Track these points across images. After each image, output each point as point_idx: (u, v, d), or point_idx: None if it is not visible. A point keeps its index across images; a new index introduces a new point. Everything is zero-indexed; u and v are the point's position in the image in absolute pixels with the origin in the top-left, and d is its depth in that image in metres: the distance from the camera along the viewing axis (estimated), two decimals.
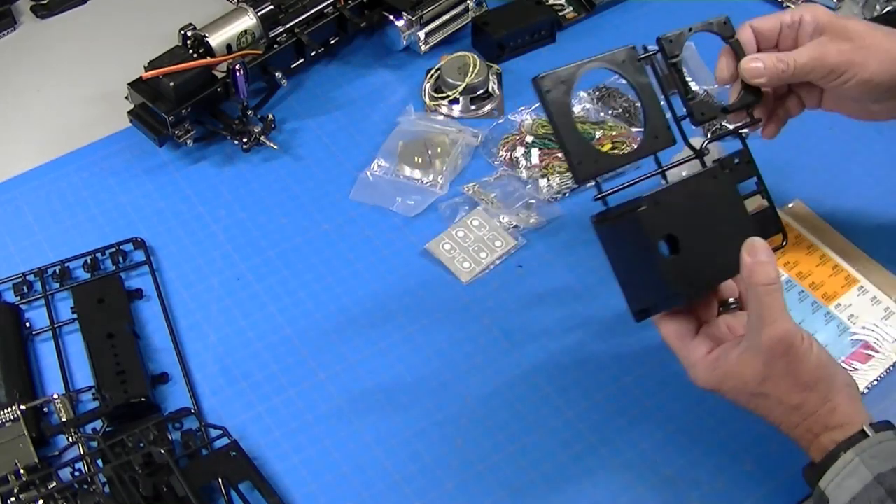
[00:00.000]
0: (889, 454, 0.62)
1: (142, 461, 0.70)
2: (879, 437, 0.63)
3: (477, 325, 0.83)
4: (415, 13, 1.01)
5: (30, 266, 0.86)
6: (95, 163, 0.96)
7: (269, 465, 0.75)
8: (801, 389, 0.64)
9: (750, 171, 0.73)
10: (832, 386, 0.65)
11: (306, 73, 1.04)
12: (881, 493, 0.60)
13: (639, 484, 0.74)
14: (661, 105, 0.71)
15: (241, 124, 0.95)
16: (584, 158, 0.67)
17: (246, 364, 0.81)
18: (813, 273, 0.85)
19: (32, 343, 0.82)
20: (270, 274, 0.87)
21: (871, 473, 0.61)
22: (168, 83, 0.90)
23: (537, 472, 0.75)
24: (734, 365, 0.65)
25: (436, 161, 0.94)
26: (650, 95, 0.70)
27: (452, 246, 0.88)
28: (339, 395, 0.79)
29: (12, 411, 0.74)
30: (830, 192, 0.92)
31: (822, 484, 0.63)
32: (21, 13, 1.11)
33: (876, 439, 0.63)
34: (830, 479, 0.63)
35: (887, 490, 0.60)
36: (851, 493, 0.61)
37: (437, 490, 0.74)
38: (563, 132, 0.66)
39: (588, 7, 1.09)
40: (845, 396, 0.65)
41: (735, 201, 0.69)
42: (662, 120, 0.70)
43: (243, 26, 0.95)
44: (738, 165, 0.72)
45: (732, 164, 0.72)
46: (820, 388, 0.64)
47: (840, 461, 0.63)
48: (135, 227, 0.90)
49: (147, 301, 0.85)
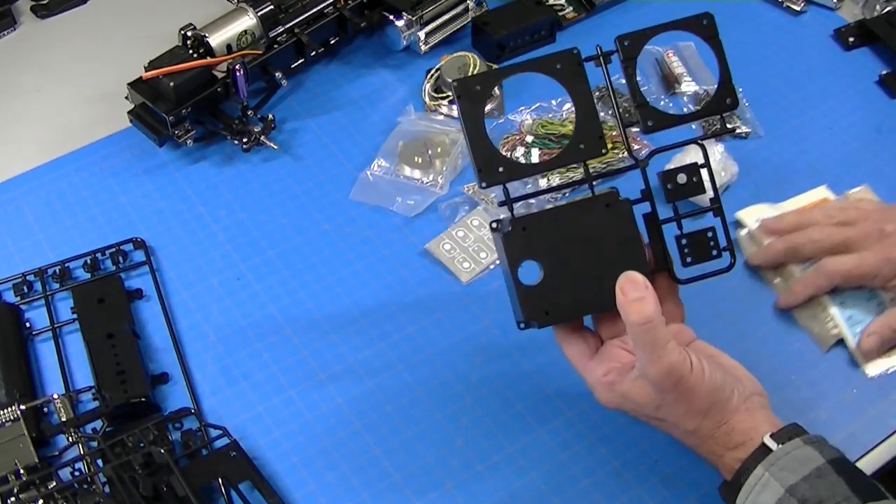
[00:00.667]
0: (798, 462, 0.62)
1: (142, 461, 0.70)
2: (786, 449, 0.62)
3: (477, 325, 0.83)
4: (415, 13, 1.01)
5: (30, 266, 0.86)
6: (95, 163, 0.96)
7: (269, 465, 0.75)
8: (695, 416, 0.65)
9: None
10: (726, 408, 0.64)
11: (306, 73, 1.04)
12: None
13: (639, 484, 0.74)
14: (595, 113, 0.67)
15: (241, 124, 0.95)
16: (487, 165, 0.66)
17: (246, 364, 0.81)
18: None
19: (32, 343, 0.82)
20: (270, 274, 0.87)
21: (783, 486, 0.61)
22: (168, 83, 0.90)
23: (537, 472, 0.75)
24: (628, 390, 0.65)
25: (436, 161, 0.94)
26: (586, 102, 0.67)
27: (452, 246, 0.88)
28: (339, 395, 0.79)
29: (12, 411, 0.74)
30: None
31: (737, 503, 0.64)
32: (21, 13, 1.11)
33: (783, 451, 0.62)
34: (745, 498, 0.63)
35: (800, 500, 0.60)
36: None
37: (437, 490, 0.74)
38: (471, 138, 0.66)
39: (588, 7, 1.09)
40: (743, 413, 0.65)
41: (626, 234, 0.65)
42: (595, 129, 0.67)
43: (243, 26, 0.95)
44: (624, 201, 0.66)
45: (616, 199, 0.66)
46: (714, 413, 0.64)
47: (751, 478, 0.62)
48: (135, 227, 0.90)
49: (147, 301, 0.85)
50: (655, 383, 0.63)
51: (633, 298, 0.62)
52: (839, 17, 1.09)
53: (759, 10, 1.11)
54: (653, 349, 0.62)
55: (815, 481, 0.61)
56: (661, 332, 0.62)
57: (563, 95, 0.99)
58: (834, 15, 1.10)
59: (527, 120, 0.97)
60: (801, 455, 0.62)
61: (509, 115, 0.99)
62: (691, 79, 1.01)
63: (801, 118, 0.98)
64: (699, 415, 0.65)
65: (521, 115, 0.98)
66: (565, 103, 0.99)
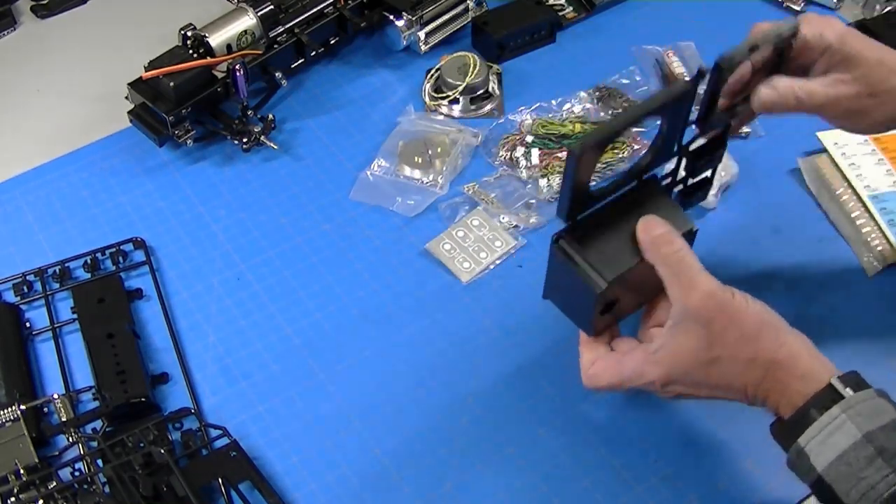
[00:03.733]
0: (874, 412, 0.59)
1: (142, 461, 0.70)
2: (862, 396, 0.60)
3: (477, 325, 0.83)
4: (415, 13, 1.01)
5: (30, 266, 0.86)
6: (95, 163, 0.96)
7: (269, 465, 0.75)
8: (750, 339, 0.62)
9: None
10: (780, 328, 0.62)
11: (306, 73, 1.04)
12: (870, 452, 0.58)
13: (639, 484, 0.74)
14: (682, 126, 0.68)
15: (241, 124, 0.95)
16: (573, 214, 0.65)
17: (246, 364, 0.81)
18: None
19: (32, 343, 0.82)
20: (270, 274, 0.87)
21: (860, 431, 0.58)
22: (168, 83, 0.90)
23: (537, 472, 0.75)
24: (674, 344, 0.63)
25: (436, 161, 0.94)
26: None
27: (452, 246, 0.88)
28: (339, 395, 0.79)
29: (12, 411, 0.74)
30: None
31: (801, 440, 0.60)
32: (21, 13, 1.11)
33: (859, 397, 0.60)
34: (812, 436, 0.60)
35: (877, 448, 0.58)
36: (838, 450, 0.59)
37: (437, 490, 0.74)
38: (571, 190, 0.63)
39: (588, 7, 1.09)
40: (797, 338, 0.63)
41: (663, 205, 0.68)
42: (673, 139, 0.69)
43: (243, 26, 0.95)
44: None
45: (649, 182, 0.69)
46: (767, 334, 0.62)
47: (825, 416, 0.59)
48: (135, 227, 0.90)
49: (147, 301, 0.85)
50: (701, 311, 0.61)
51: (658, 234, 0.63)
52: (839, 17, 1.09)
53: (759, 10, 1.11)
54: (689, 277, 0.61)
55: (891, 433, 0.58)
56: (693, 260, 0.62)
57: (563, 95, 0.99)
58: (834, 15, 1.10)
59: (527, 120, 0.97)
60: (876, 405, 0.60)
61: (509, 115, 0.99)
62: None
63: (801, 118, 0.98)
64: (754, 338, 0.61)
65: (521, 115, 0.98)
66: (565, 103, 0.99)
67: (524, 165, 0.93)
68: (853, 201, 0.89)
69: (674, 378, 0.64)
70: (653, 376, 0.64)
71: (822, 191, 0.91)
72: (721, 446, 0.75)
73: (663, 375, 0.64)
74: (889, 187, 0.89)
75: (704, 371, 0.63)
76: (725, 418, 0.76)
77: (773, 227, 0.89)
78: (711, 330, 0.62)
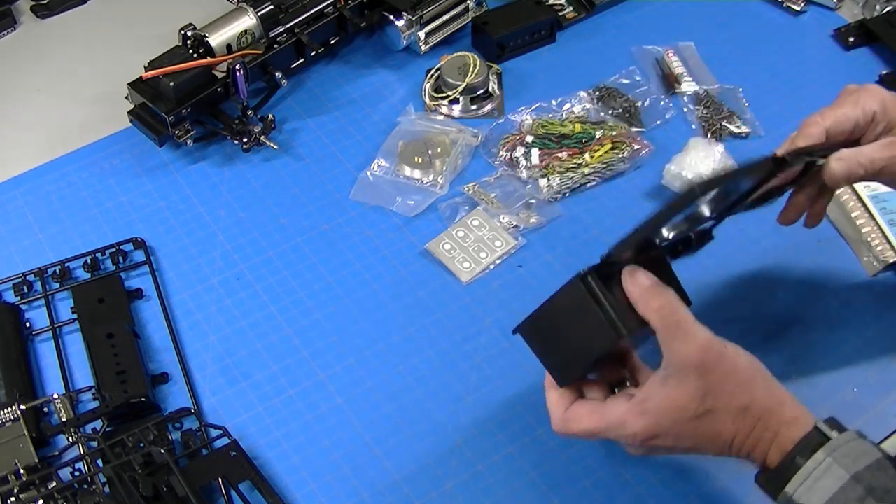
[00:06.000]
0: (859, 453, 0.60)
1: (142, 461, 0.70)
2: (845, 437, 0.61)
3: (477, 325, 0.83)
4: (415, 13, 1.01)
5: (30, 266, 0.86)
6: (95, 163, 0.96)
7: (269, 465, 0.75)
8: (745, 388, 0.62)
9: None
10: (769, 376, 0.63)
11: (306, 73, 1.04)
12: (860, 492, 0.58)
13: (638, 483, 0.74)
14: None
15: (241, 124, 0.95)
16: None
17: (246, 364, 0.81)
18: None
19: (32, 343, 0.82)
20: (270, 274, 0.87)
21: (848, 473, 0.59)
22: (168, 83, 0.90)
23: (537, 472, 0.75)
24: (664, 395, 0.61)
25: (436, 161, 0.94)
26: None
27: (452, 246, 0.88)
28: (339, 395, 0.79)
29: (12, 411, 0.74)
30: None
31: (789, 488, 0.60)
32: (21, 13, 1.11)
33: (843, 439, 0.60)
34: (800, 483, 0.60)
35: (866, 488, 0.58)
36: (827, 494, 0.59)
37: (437, 490, 0.74)
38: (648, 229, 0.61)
39: (588, 7, 1.09)
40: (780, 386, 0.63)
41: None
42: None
43: (243, 26, 0.95)
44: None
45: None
46: (759, 381, 0.62)
47: (811, 462, 0.60)
48: (135, 227, 0.90)
49: (147, 301, 0.85)
50: (699, 362, 0.60)
51: (647, 286, 0.62)
52: (839, 17, 1.09)
53: (759, 10, 1.11)
54: (684, 329, 0.61)
55: (876, 472, 0.59)
56: (686, 312, 0.61)
57: (562, 95, 0.99)
58: (834, 15, 1.10)
59: (527, 120, 0.97)
60: (859, 446, 0.60)
61: (509, 115, 0.99)
62: (691, 79, 1.01)
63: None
64: (747, 387, 0.61)
65: (521, 115, 0.98)
66: (565, 103, 0.99)
67: (524, 165, 0.93)
68: (853, 201, 0.89)
69: (659, 431, 0.62)
70: (635, 428, 0.62)
71: None
72: None
73: (649, 427, 0.62)
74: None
75: (693, 423, 0.62)
76: None
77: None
78: (708, 381, 0.61)
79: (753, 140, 0.97)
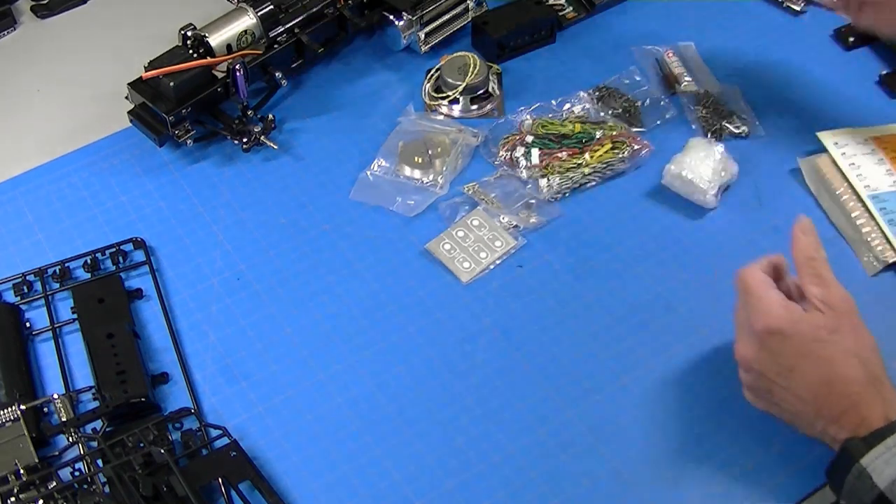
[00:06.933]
0: None
1: (142, 461, 0.70)
2: None
3: (477, 325, 0.83)
4: (415, 13, 1.01)
5: (30, 266, 0.86)
6: (95, 163, 0.96)
7: (269, 465, 0.75)
8: (866, 347, 0.68)
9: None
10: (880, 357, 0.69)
11: (306, 73, 1.04)
12: None
13: (638, 483, 0.74)
14: None
15: (241, 124, 0.95)
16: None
17: (246, 364, 0.81)
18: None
19: (32, 343, 0.82)
20: (270, 274, 0.87)
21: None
22: (168, 83, 0.90)
23: (537, 472, 0.75)
24: (809, 313, 0.68)
25: (436, 161, 0.94)
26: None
27: (452, 246, 0.88)
28: (339, 395, 0.79)
29: (12, 411, 0.74)
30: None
31: (864, 461, 0.62)
32: (21, 13, 1.11)
33: None
34: (877, 456, 0.62)
35: None
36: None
37: (437, 490, 0.74)
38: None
39: (588, 7, 1.09)
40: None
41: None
42: None
43: (243, 26, 0.95)
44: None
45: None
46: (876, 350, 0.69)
47: (890, 439, 0.62)
48: (135, 227, 0.90)
49: (147, 301, 0.85)
50: (837, 303, 0.68)
51: (812, 240, 0.71)
52: (839, 17, 1.09)
53: (759, 10, 1.11)
54: (831, 279, 0.69)
55: None
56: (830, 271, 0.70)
57: (563, 95, 0.99)
58: (834, 15, 1.09)
59: (527, 120, 0.97)
60: None
61: (509, 115, 0.99)
62: (691, 79, 1.01)
63: (801, 118, 0.98)
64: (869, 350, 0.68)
65: (521, 115, 0.98)
66: (565, 103, 0.99)
67: (524, 165, 0.93)
68: (853, 201, 0.89)
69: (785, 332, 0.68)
70: (774, 320, 0.68)
71: (822, 191, 0.91)
72: (721, 447, 0.75)
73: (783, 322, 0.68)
74: (889, 187, 0.89)
75: (818, 346, 0.68)
76: (725, 419, 0.76)
77: (773, 227, 0.89)
78: (839, 322, 0.68)
79: (753, 140, 0.97)
